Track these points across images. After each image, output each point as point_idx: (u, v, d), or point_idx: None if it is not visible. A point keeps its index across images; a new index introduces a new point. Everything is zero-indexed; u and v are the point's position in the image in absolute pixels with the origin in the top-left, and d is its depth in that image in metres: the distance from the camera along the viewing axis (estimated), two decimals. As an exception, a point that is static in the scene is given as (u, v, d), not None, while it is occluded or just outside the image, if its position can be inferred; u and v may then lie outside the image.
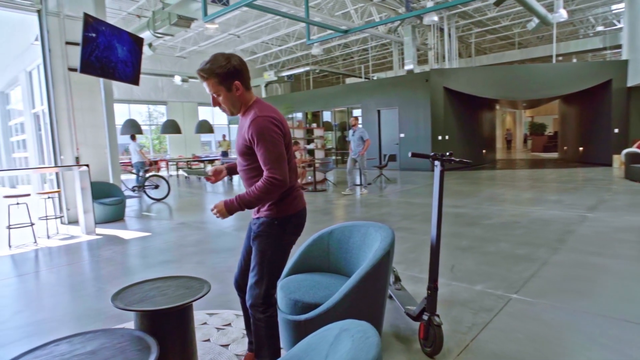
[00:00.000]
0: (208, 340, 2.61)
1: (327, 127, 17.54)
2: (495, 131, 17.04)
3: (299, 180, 9.15)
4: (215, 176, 2.13)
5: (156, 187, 9.64)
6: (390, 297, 2.97)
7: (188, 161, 15.34)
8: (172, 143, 19.27)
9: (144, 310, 1.98)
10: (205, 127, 16.53)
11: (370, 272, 2.13)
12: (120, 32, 6.93)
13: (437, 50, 16.36)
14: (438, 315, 2.33)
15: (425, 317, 2.33)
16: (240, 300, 2.25)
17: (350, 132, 8.71)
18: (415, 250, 4.44)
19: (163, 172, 16.87)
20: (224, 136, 16.46)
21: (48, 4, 6.45)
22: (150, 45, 11.99)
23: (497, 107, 18.37)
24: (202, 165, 15.90)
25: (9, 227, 5.14)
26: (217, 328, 2.76)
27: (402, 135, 13.95)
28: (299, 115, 17.34)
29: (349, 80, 21.50)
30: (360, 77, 19.92)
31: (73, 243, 5.30)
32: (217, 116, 21.49)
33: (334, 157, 16.38)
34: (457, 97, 13.34)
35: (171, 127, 15.87)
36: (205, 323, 2.84)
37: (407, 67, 14.34)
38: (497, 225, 5.39)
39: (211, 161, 15.43)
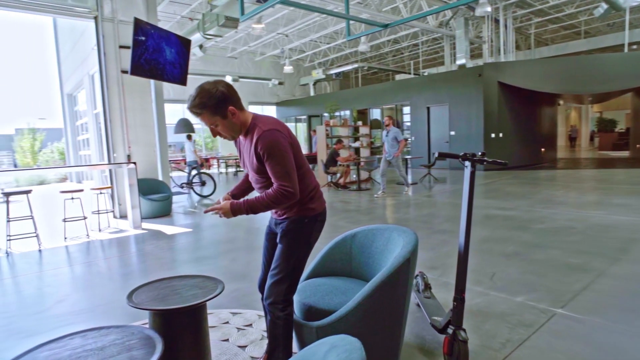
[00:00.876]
0: (227, 340, 2.59)
1: (375, 124, 17.25)
2: (556, 128, 15.85)
3: (341, 180, 9.01)
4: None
5: (203, 184, 9.96)
6: (418, 305, 2.80)
7: (237, 159, 15.74)
8: (222, 141, 19.89)
9: (153, 309, 1.99)
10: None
11: (387, 280, 1.99)
12: (169, 34, 7.19)
13: (492, 43, 15.50)
14: (464, 330, 2.14)
15: (450, 331, 2.15)
16: (263, 302, 2.21)
17: (384, 132, 8.37)
18: (454, 255, 4.17)
19: (213, 170, 17.48)
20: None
21: (104, 11, 6.84)
22: (201, 46, 12.41)
23: (560, 102, 17.06)
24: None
25: (64, 220, 5.51)
26: (237, 328, 2.73)
27: (452, 132, 13.37)
28: (347, 113, 17.20)
29: (398, 77, 21.01)
30: (410, 74, 19.38)
31: (120, 237, 5.59)
32: (266, 113, 21.90)
33: (379, 156, 16.06)
34: (513, 92, 12.54)
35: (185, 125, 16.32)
36: (227, 322, 2.83)
37: (459, 62, 13.70)
38: (549, 230, 4.95)
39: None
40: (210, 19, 9.96)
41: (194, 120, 16.57)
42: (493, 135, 12.46)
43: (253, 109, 21.04)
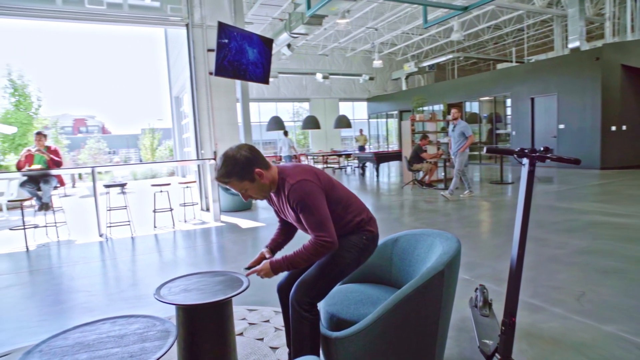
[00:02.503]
0: (262, 339, 2.54)
1: (472, 119, 16.04)
2: None
3: (426, 177, 8.38)
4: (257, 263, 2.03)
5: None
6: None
7: (325, 155, 15.93)
8: (313, 138, 20.33)
9: (174, 303, 2.01)
10: (343, 122, 16.91)
11: (412, 294, 1.73)
12: (251, 35, 7.47)
13: (618, 20, 13.29)
14: (513, 361, 1.78)
15: (496, 360, 1.81)
16: (283, 310, 2.12)
17: (450, 126, 7.59)
18: (538, 266, 3.61)
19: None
20: (361, 131, 16.57)
21: (194, 18, 7.37)
22: (289, 46, 12.76)
23: None
24: (340, 159, 16.33)
25: (154, 211, 6.07)
26: (275, 328, 2.67)
27: (561, 126, 11.79)
28: (438, 107, 16.27)
29: (501, 67, 19.25)
30: (512, 62, 17.58)
31: (199, 228, 5.97)
32: (357, 111, 21.82)
33: (477, 152, 14.87)
34: (641, 77, 10.59)
35: (311, 123, 16.71)
36: (267, 321, 2.79)
37: (571, 45, 12.00)
38: (672, 244, 4.02)
39: (347, 156, 15.68)
40: (295, 17, 10.17)
41: (285, 118, 17.21)
42: (613, 128, 10.68)
43: (344, 106, 21.13)
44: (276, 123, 16.13)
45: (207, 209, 7.47)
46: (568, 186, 8.29)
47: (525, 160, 1.86)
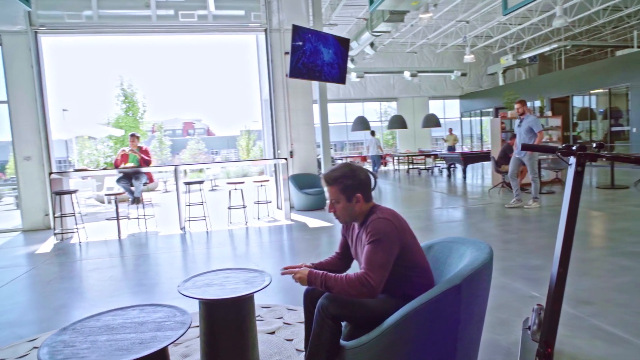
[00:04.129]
0: (291, 340, 2.50)
1: (582, 115, 14.21)
2: None
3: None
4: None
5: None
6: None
7: (410, 156, 15.42)
8: (401, 138, 19.81)
9: (193, 297, 2.07)
10: (431, 121, 16.21)
11: (421, 309, 1.54)
12: (326, 36, 7.51)
13: None
14: (547, 400, 1.48)
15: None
16: (305, 314, 2.05)
17: (517, 122, 6.55)
18: (634, 289, 3.02)
19: (389, 167, 17.60)
20: (450, 130, 15.72)
21: (272, 23, 7.65)
22: (372, 44, 12.59)
23: None
24: (427, 160, 15.70)
25: (229, 208, 6.43)
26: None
27: (697, 121, 9.81)
28: (536, 103, 14.68)
29: (620, 54, 16.67)
30: (634, 47, 15.07)
31: (270, 226, 6.17)
32: (448, 109, 20.75)
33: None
34: None
35: (397, 122, 16.33)
36: (303, 322, 2.75)
37: None
38: None
39: (435, 156, 14.98)
40: (376, 16, 9.99)
41: (370, 118, 17.06)
42: None
43: (434, 104, 20.25)
44: (361, 123, 16.07)
45: (281, 207, 7.70)
46: (701, 193, 6.85)
47: (572, 160, 1.54)
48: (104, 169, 9.81)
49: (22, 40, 6.54)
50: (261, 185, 6.96)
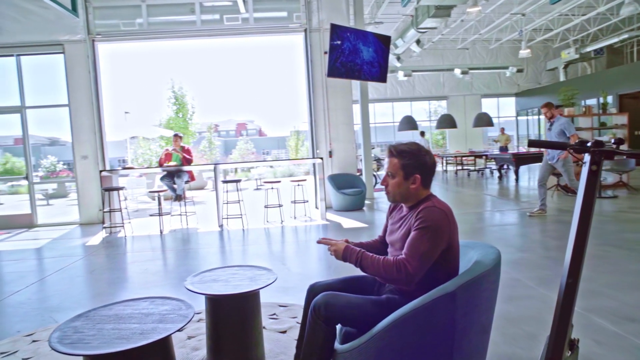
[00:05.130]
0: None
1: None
2: None
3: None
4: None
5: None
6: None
7: (458, 156, 14.83)
8: (452, 138, 19.11)
9: (195, 291, 2.10)
10: (483, 120, 15.48)
11: (410, 317, 1.45)
12: (366, 34, 7.41)
13: None
14: None
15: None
16: (304, 311, 2.01)
17: (547, 125, 6.01)
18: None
19: (437, 168, 17.04)
20: (502, 130, 14.92)
21: (312, 23, 7.67)
22: (418, 42, 12.24)
23: None
24: (477, 161, 15.01)
25: (265, 207, 6.53)
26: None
27: None
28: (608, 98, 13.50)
29: None
30: None
31: (304, 225, 6.18)
32: (503, 107, 19.71)
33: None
34: None
35: (446, 121, 15.76)
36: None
37: None
38: None
39: (486, 157, 14.29)
40: (421, 12, 9.71)
41: (417, 118, 16.61)
42: None
43: (487, 102, 19.32)
44: (408, 123, 15.69)
45: (318, 207, 7.69)
46: None
47: (587, 157, 1.37)
48: (148, 167, 10.37)
49: (81, 48, 7.08)
50: (298, 185, 6.99)
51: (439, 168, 16.87)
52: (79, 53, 7.09)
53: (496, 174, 12.44)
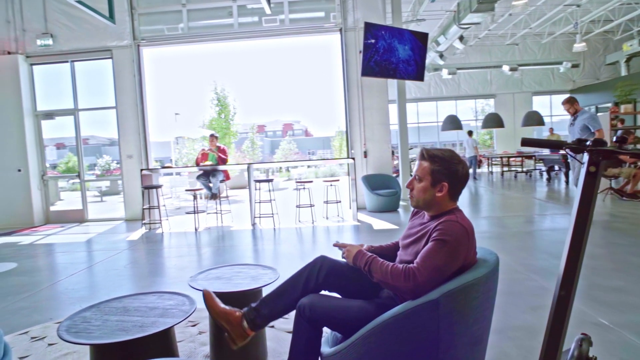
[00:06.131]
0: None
1: None
2: None
3: (628, 186, 6.32)
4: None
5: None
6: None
7: (504, 156, 14.14)
8: (500, 138, 18.26)
9: (195, 287, 2.15)
10: (532, 119, 14.65)
11: (391, 324, 1.40)
12: (402, 32, 7.24)
13: None
14: None
15: None
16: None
17: (570, 119, 5.49)
18: None
19: (483, 169, 16.37)
20: (550, 130, 14.07)
21: (347, 23, 7.63)
22: (461, 38, 11.79)
23: None
24: (526, 162, 14.25)
25: (297, 206, 6.57)
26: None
27: None
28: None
29: None
30: None
31: (335, 226, 6.15)
32: (556, 105, 18.54)
33: None
34: None
35: (492, 120, 15.10)
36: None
37: None
38: None
39: (535, 157, 13.51)
40: (463, 7, 9.36)
41: (463, 117, 16.02)
42: None
43: (538, 100, 18.29)
44: (452, 122, 15.19)
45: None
46: None
47: (585, 157, 1.25)
48: (185, 166, 10.78)
49: (127, 53, 7.51)
50: (331, 185, 6.98)
51: (484, 169, 16.20)
52: (126, 57, 7.53)
53: (545, 175, 11.73)
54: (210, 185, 6.62)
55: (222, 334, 2.20)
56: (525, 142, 1.36)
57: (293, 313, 1.77)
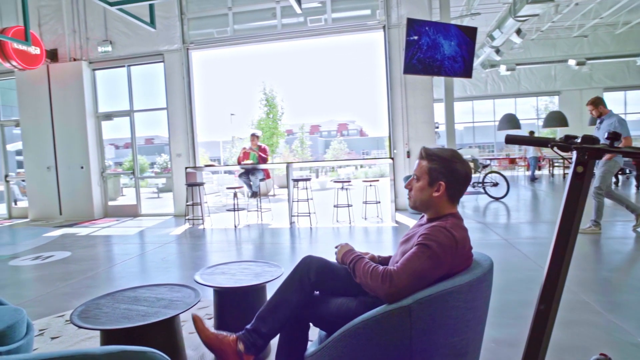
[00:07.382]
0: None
1: None
2: None
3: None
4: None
5: (494, 184, 8.99)
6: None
7: (567, 158, 13.09)
8: (564, 138, 16.96)
9: (199, 282, 2.21)
10: (554, 120, 13.55)
11: (361, 329, 1.34)
12: (448, 27, 6.96)
13: None
14: None
15: None
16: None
17: (597, 123, 4.96)
18: None
19: (543, 171, 15.31)
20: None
21: (391, 20, 7.47)
22: (518, 31, 11.08)
23: None
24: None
25: (335, 206, 6.55)
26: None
27: None
28: None
29: None
30: None
31: (372, 226, 6.05)
32: (632, 102, 16.86)
33: None
34: None
35: (554, 119, 14.07)
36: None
37: None
38: None
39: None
40: (519, -2, 8.79)
41: (523, 116, 15.08)
42: None
43: (610, 97, 16.73)
44: (508, 122, 14.37)
45: (398, 209, 7.46)
46: None
47: (574, 155, 1.12)
48: (226, 165, 11.11)
49: (177, 56, 7.93)
50: (370, 185, 6.87)
51: (545, 171, 15.14)
52: (176, 61, 7.95)
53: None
54: (251, 183, 6.79)
55: (221, 326, 2.25)
56: (510, 139, 1.24)
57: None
